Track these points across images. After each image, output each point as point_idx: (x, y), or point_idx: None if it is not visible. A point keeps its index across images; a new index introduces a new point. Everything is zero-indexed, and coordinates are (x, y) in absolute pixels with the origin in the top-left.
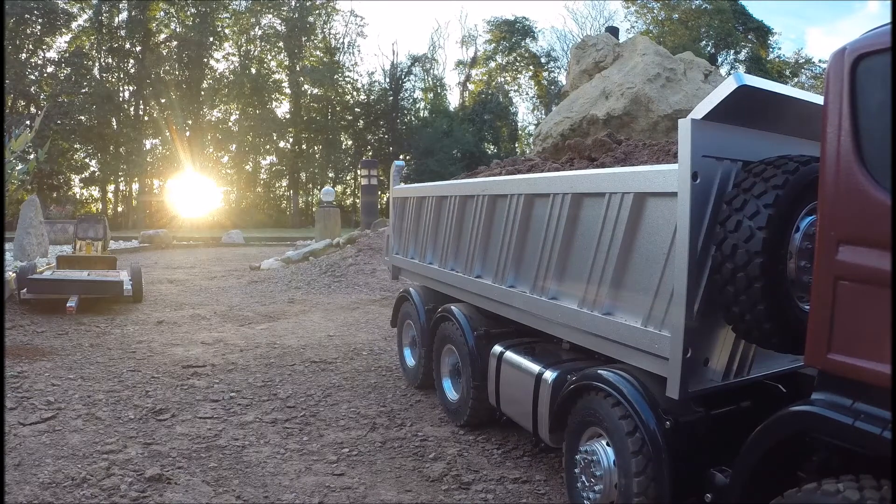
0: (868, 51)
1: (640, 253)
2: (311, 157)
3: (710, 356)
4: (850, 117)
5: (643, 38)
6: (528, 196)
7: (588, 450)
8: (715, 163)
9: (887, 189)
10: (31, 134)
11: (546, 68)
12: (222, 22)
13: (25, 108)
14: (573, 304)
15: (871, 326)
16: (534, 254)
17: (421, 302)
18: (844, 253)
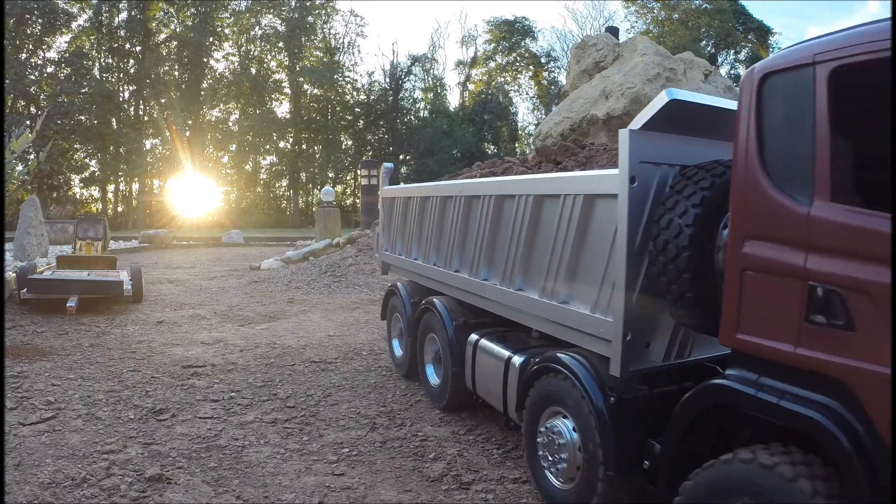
0: (772, 70)
1: (589, 248)
2: (311, 157)
3: (652, 340)
4: (756, 128)
5: (643, 38)
6: (497, 197)
7: (550, 426)
8: (653, 168)
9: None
10: (32, 135)
11: (546, 68)
12: (222, 22)
13: (25, 108)
14: (535, 294)
15: (770, 311)
16: (502, 249)
17: (407, 295)
18: (749, 247)
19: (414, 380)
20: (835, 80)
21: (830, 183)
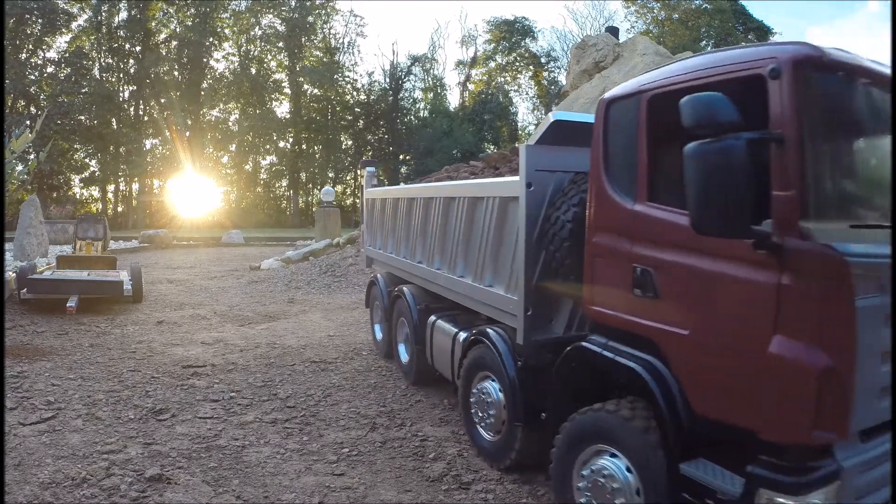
0: (613, 98)
1: (504, 240)
2: (311, 157)
3: (554, 316)
4: (603, 144)
5: (643, 38)
6: (445, 199)
7: (480, 387)
8: (548, 174)
9: (620, 194)
10: (32, 135)
11: (546, 68)
12: (222, 22)
13: (25, 108)
14: (470, 279)
15: (611, 287)
16: (449, 242)
17: (384, 285)
18: (598, 238)
19: (392, 360)
20: (650, 106)
21: (647, 186)
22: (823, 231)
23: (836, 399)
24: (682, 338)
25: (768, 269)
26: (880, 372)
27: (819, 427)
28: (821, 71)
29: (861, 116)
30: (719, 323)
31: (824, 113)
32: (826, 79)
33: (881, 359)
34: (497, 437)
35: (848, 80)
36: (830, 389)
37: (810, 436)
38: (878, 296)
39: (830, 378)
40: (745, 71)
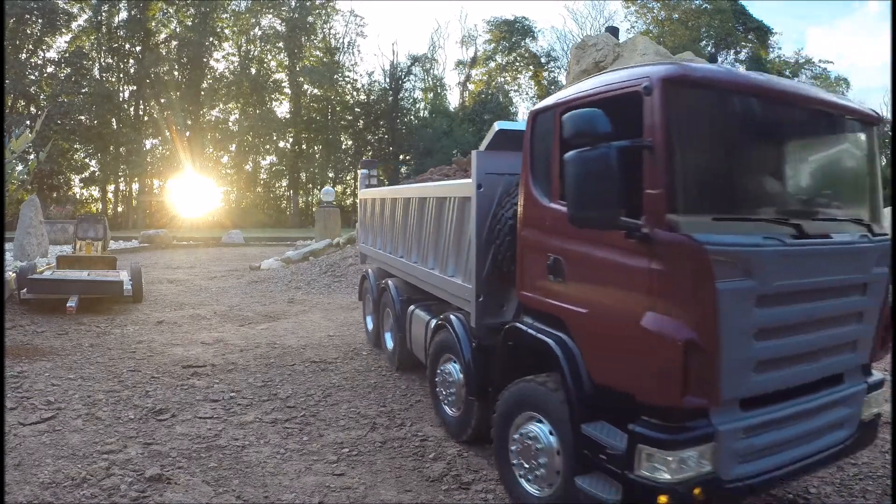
0: (538, 111)
1: (462, 235)
2: (311, 157)
3: (505, 303)
4: (530, 150)
5: (643, 38)
6: (419, 199)
7: (443, 368)
8: (497, 177)
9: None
10: (32, 135)
11: (546, 68)
12: (222, 22)
13: (25, 108)
14: (438, 271)
15: (534, 274)
16: (422, 238)
17: (374, 279)
18: (525, 232)
19: (381, 348)
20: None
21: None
22: (689, 223)
23: (701, 368)
24: (582, 315)
25: (641, 256)
26: (754, 348)
27: (689, 393)
28: (687, 87)
29: (727, 124)
30: (607, 302)
31: (690, 122)
32: (692, 93)
33: (753, 336)
34: (458, 412)
35: (715, 93)
36: (694, 359)
37: (681, 400)
38: (742, 280)
39: (693, 349)
40: (628, 88)
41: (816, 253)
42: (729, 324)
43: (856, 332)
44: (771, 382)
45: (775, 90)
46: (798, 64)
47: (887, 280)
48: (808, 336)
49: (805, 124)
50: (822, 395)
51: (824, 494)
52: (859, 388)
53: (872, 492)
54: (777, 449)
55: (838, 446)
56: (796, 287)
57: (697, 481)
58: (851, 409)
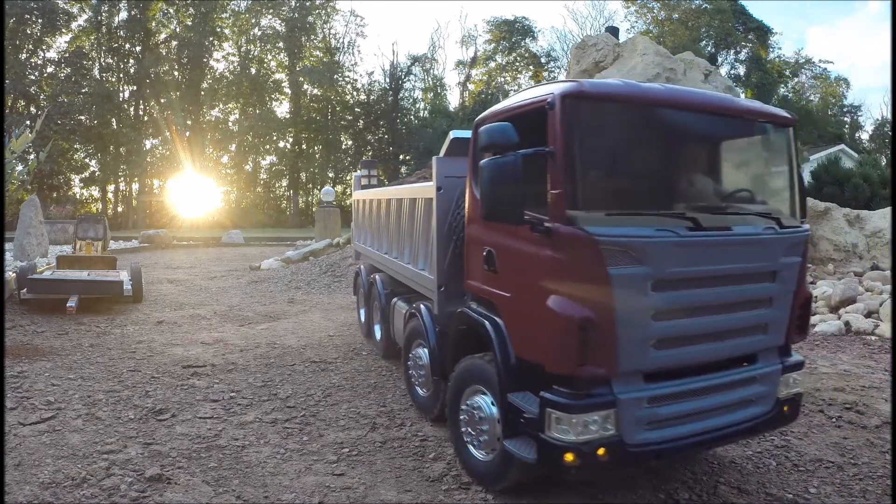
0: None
1: (427, 232)
2: (311, 157)
3: (466, 292)
4: (472, 156)
5: (643, 38)
6: (396, 200)
7: (415, 353)
8: (456, 180)
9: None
10: (32, 135)
11: (546, 68)
12: (222, 22)
13: (25, 108)
14: (411, 265)
15: (476, 265)
16: (399, 236)
17: (365, 274)
18: (469, 228)
19: (372, 339)
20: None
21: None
22: (584, 218)
23: (597, 342)
24: (507, 299)
25: (546, 247)
26: (651, 327)
27: (587, 363)
28: (583, 101)
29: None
30: (523, 287)
31: (587, 131)
32: (588, 106)
33: (651, 317)
34: (428, 392)
35: (610, 105)
36: (590, 334)
37: (579, 369)
38: (634, 267)
39: (589, 326)
40: (538, 104)
41: (712, 243)
42: (624, 305)
43: (766, 315)
44: (672, 358)
45: (673, 100)
46: (798, 64)
47: (801, 268)
48: (710, 318)
49: (713, 129)
50: (732, 373)
51: (824, 494)
52: (774, 369)
53: (872, 492)
54: (683, 420)
55: (752, 422)
56: (693, 274)
57: (601, 443)
58: (765, 387)
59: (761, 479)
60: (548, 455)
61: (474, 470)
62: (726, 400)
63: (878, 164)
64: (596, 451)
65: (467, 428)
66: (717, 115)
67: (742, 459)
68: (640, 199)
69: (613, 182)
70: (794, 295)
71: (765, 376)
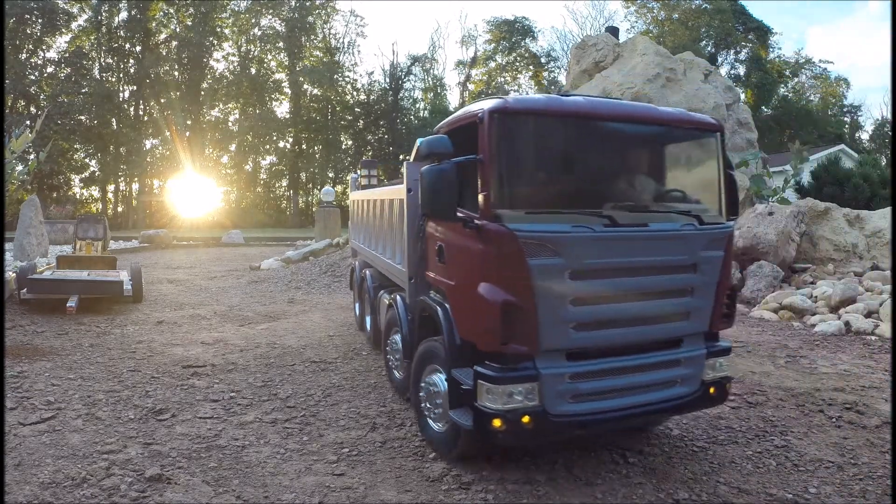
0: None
1: (401, 230)
2: (311, 157)
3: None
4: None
5: (643, 38)
6: (379, 201)
7: (392, 339)
8: None
9: None
10: (32, 135)
11: (546, 68)
12: (222, 22)
13: (25, 108)
14: (390, 259)
15: (432, 259)
16: (381, 233)
17: (359, 270)
18: (428, 227)
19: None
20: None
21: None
22: (508, 216)
23: (519, 323)
24: (451, 287)
25: (477, 241)
26: (570, 311)
27: (510, 342)
28: (507, 115)
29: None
30: (462, 276)
31: (511, 141)
32: (512, 120)
33: (570, 302)
34: (403, 375)
35: (532, 118)
36: (512, 317)
37: (504, 347)
38: (552, 258)
39: (510, 309)
40: (473, 118)
41: (627, 238)
42: (543, 291)
43: (688, 304)
44: (592, 339)
45: (591, 112)
46: (798, 64)
47: (724, 261)
48: (629, 304)
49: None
50: (654, 356)
51: (824, 494)
52: (698, 353)
53: (872, 492)
54: (606, 395)
55: (677, 401)
56: (608, 265)
57: (525, 411)
58: (690, 370)
59: (761, 479)
60: (480, 421)
61: (432, 440)
62: (649, 379)
63: (878, 164)
64: (521, 419)
65: (426, 403)
66: (638, 123)
67: (742, 459)
68: (561, 199)
69: (536, 184)
70: (717, 286)
71: (689, 360)
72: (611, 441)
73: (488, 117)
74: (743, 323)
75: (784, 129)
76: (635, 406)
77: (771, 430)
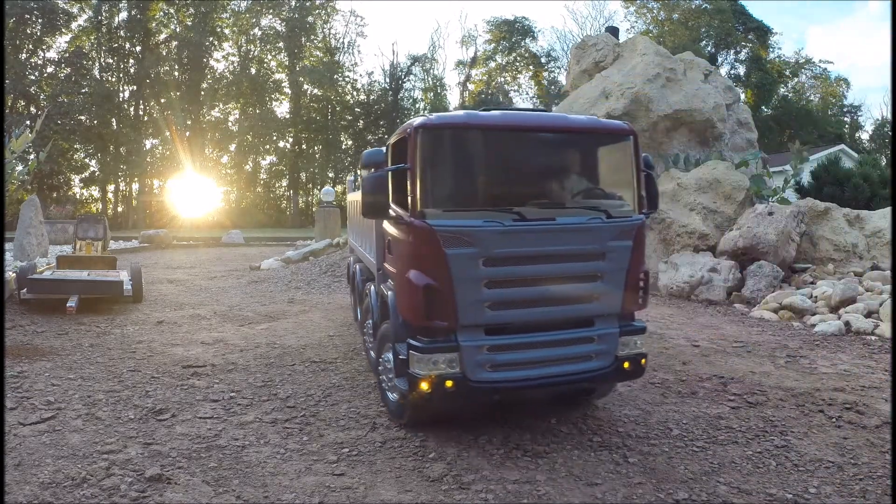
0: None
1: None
2: (311, 157)
3: None
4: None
5: (643, 38)
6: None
7: (367, 323)
8: None
9: None
10: (32, 135)
11: (546, 68)
12: (222, 22)
13: (25, 108)
14: (369, 253)
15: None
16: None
17: (353, 265)
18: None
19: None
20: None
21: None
22: (431, 214)
23: (440, 303)
24: (395, 274)
25: (407, 235)
26: (484, 292)
27: (433, 318)
28: (430, 130)
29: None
30: (399, 265)
31: (433, 152)
32: (434, 134)
33: (484, 285)
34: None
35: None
36: (434, 297)
37: (428, 322)
38: (466, 248)
39: (431, 291)
40: (406, 133)
41: (533, 230)
42: (459, 276)
43: (597, 288)
44: (506, 317)
45: (505, 124)
46: (798, 64)
47: (633, 250)
48: (540, 287)
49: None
50: (566, 333)
51: (824, 494)
52: (610, 331)
53: (872, 492)
54: (521, 366)
55: (591, 373)
56: (518, 253)
57: (448, 377)
58: (603, 346)
59: (761, 479)
60: (412, 385)
61: (389, 409)
62: (563, 354)
63: (878, 164)
64: (444, 383)
65: (384, 377)
66: (548, 132)
67: (742, 459)
68: (478, 199)
69: (455, 187)
70: (627, 272)
71: (602, 337)
72: (611, 441)
73: (413, 132)
74: (743, 323)
75: (784, 129)
76: (550, 377)
77: (771, 430)
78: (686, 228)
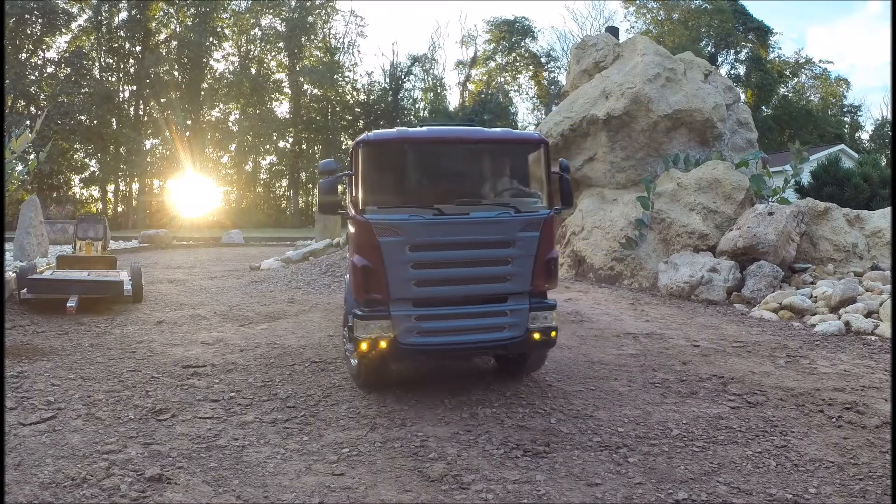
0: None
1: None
2: (311, 157)
3: None
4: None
5: (643, 38)
6: None
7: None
8: None
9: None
10: (32, 135)
11: (546, 68)
12: (222, 22)
13: (25, 108)
14: None
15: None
16: None
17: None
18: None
19: None
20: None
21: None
22: (369, 210)
23: (375, 281)
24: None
25: (353, 227)
26: (411, 272)
27: (370, 292)
28: (367, 145)
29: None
30: (351, 251)
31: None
32: (372, 147)
33: (410, 267)
34: None
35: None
36: (370, 276)
37: (366, 296)
38: (395, 237)
39: (367, 271)
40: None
41: (449, 223)
42: (390, 259)
43: (507, 270)
44: (430, 293)
45: (429, 138)
46: (798, 64)
47: (539, 240)
48: (456, 270)
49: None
50: (483, 307)
51: (824, 494)
52: (521, 307)
53: (872, 492)
54: (444, 333)
55: (504, 342)
56: (437, 241)
57: (382, 339)
58: (515, 319)
59: (761, 479)
60: (355, 346)
61: (351, 373)
62: (480, 324)
63: (878, 164)
64: (379, 344)
65: (346, 346)
66: (467, 143)
67: (742, 459)
68: (408, 198)
69: (390, 189)
70: (535, 258)
71: (514, 311)
72: (611, 441)
73: (356, 146)
74: (743, 323)
75: (784, 129)
76: (469, 343)
77: (771, 430)
78: (686, 228)
